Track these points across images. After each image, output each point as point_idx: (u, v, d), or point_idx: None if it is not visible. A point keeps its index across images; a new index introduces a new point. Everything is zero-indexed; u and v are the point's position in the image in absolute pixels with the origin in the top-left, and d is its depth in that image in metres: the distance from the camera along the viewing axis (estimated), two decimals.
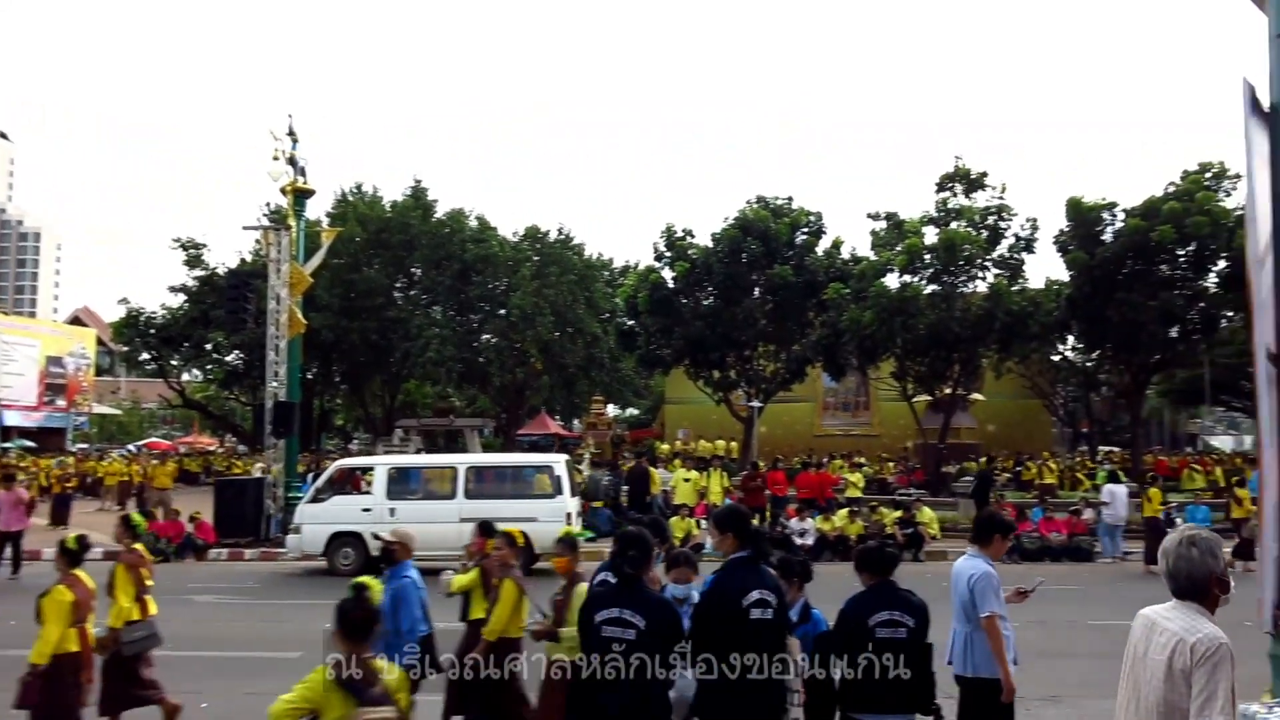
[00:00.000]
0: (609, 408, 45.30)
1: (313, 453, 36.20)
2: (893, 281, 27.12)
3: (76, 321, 70.96)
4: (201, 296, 38.38)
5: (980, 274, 27.35)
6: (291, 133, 22.28)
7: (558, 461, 18.15)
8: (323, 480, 18.30)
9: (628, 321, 33.48)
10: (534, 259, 39.40)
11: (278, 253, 22.11)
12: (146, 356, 42.66)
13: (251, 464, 34.59)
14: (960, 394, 30.14)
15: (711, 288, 30.43)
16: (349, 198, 41.73)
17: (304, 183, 22.73)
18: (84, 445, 51.25)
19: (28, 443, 47.37)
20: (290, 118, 22.26)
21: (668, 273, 31.02)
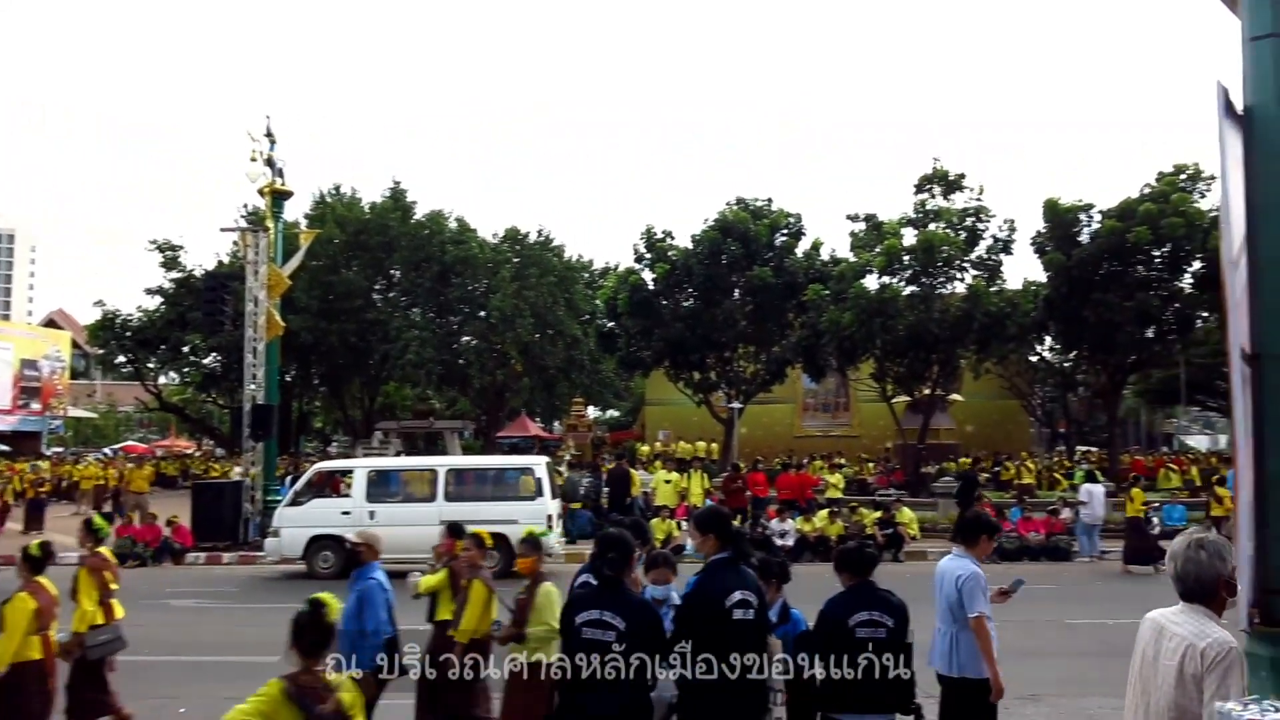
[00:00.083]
0: (589, 409, 45.25)
1: (291, 455, 36.00)
2: (872, 283, 27.22)
3: (51, 324, 70.23)
4: (178, 299, 38.08)
5: (959, 275, 27.51)
6: (269, 134, 22.17)
7: (538, 464, 18.12)
8: (301, 483, 18.22)
9: (608, 323, 33.45)
10: (514, 261, 39.31)
11: (255, 254, 21.99)
12: (122, 359, 42.34)
13: (229, 467, 34.39)
14: (939, 395, 30.28)
15: (691, 289, 30.46)
16: (327, 199, 41.51)
17: (282, 184, 22.62)
18: (59, 449, 50.80)
19: (2, 446, 46.88)
20: (268, 119, 22.17)
21: (648, 274, 31.03)
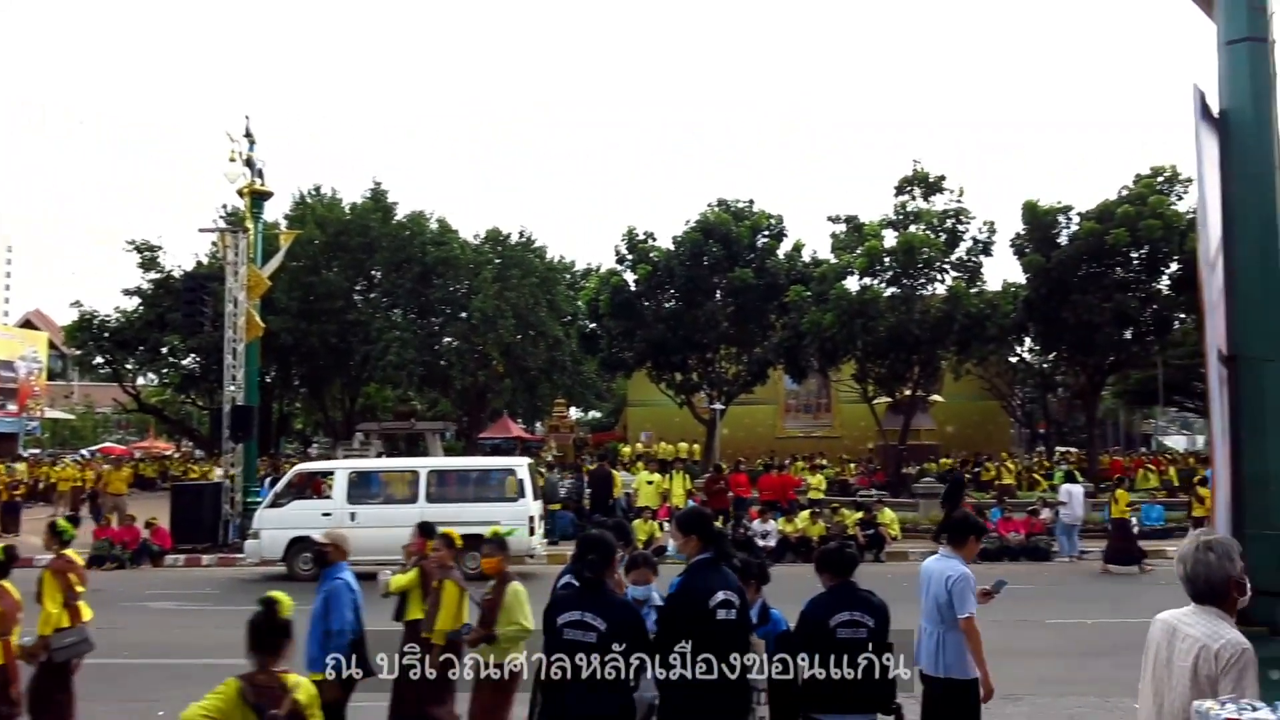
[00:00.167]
0: (571, 411, 45.24)
1: (271, 457, 35.84)
2: (853, 284, 27.31)
3: (28, 325, 69.58)
4: (157, 299, 37.82)
5: (939, 277, 27.61)
6: (249, 134, 22.07)
7: (520, 465, 18.08)
8: (282, 485, 18.14)
9: (590, 324, 33.45)
10: (495, 262, 39.23)
11: (235, 255, 21.89)
12: (100, 360, 41.96)
13: (209, 469, 34.20)
14: (920, 395, 30.40)
15: (673, 290, 30.49)
16: (307, 200, 41.33)
17: (261, 185, 22.53)
18: (36, 451, 50.36)
19: None
20: (248, 119, 22.06)
21: (629, 275, 31.05)
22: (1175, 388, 40.98)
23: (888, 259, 27.10)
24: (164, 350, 40.12)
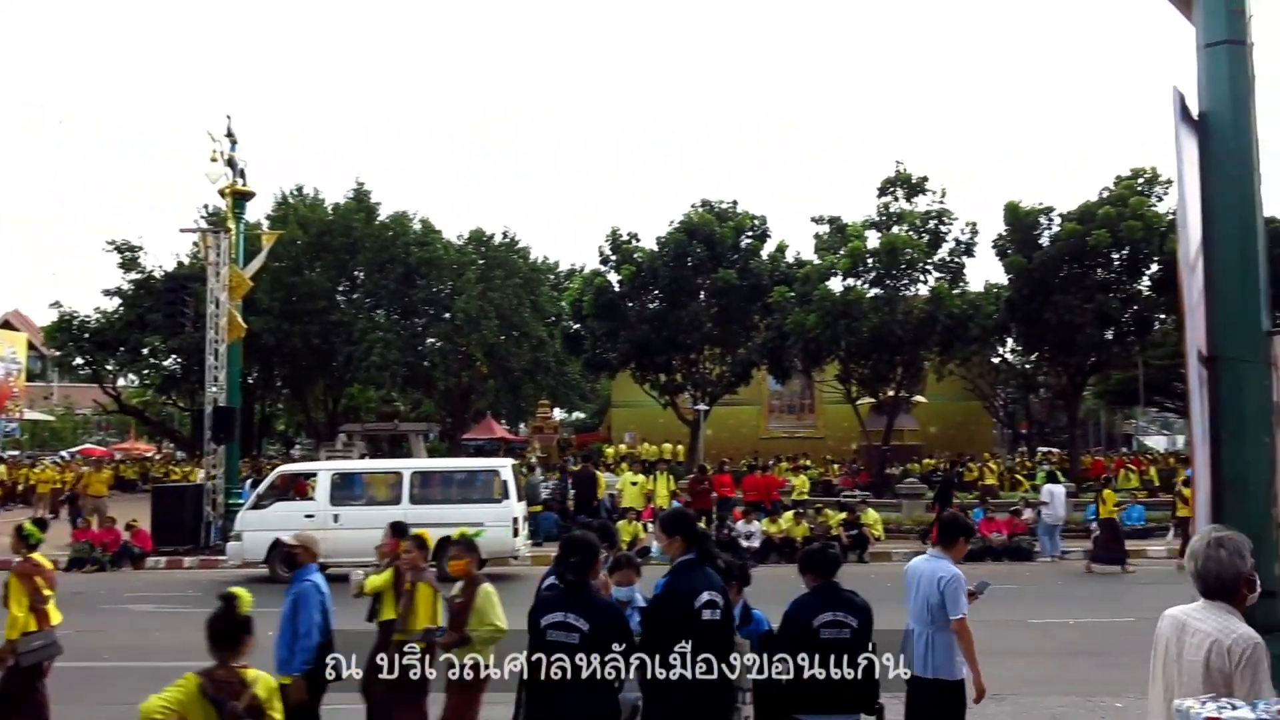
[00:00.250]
0: (555, 411, 45.21)
1: (253, 458, 35.68)
2: (836, 285, 27.40)
3: (7, 325, 68.98)
4: (137, 300, 37.59)
5: (922, 277, 27.75)
6: (230, 134, 21.97)
7: (504, 466, 18.04)
8: (264, 486, 18.05)
9: (573, 325, 33.45)
10: (479, 262, 39.16)
11: (217, 255, 21.78)
12: (80, 361, 41.67)
13: (190, 470, 33.98)
14: (903, 396, 30.52)
15: (657, 291, 30.51)
16: (290, 200, 41.15)
17: (243, 185, 22.43)
18: (15, 452, 49.94)
19: None
20: (229, 119, 21.95)
21: (613, 276, 31.05)
22: (1156, 388, 41.25)
23: (871, 260, 27.20)
24: (145, 351, 39.89)
